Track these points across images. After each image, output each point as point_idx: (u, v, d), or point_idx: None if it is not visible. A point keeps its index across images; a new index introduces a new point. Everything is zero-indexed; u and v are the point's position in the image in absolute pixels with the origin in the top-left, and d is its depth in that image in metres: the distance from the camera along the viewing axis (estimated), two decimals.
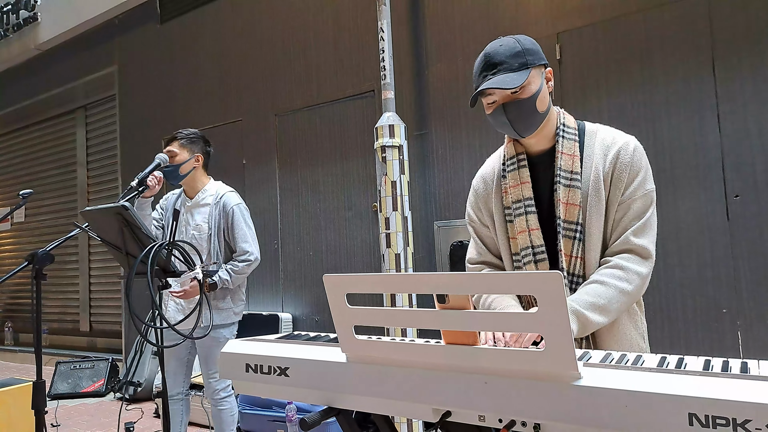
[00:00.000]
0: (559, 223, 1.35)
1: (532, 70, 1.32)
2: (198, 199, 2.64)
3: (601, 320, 1.26)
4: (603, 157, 1.36)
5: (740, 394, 0.76)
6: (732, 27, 2.80)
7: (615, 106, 3.10)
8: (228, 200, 2.60)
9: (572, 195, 1.35)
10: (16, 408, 3.17)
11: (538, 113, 1.35)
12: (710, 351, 2.79)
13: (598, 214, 1.34)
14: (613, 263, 1.30)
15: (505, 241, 1.47)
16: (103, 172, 6.50)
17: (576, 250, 1.34)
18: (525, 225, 1.40)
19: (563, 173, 1.36)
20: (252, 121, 4.79)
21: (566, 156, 1.37)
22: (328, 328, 4.22)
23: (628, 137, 1.37)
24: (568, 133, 1.40)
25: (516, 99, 1.32)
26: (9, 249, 7.74)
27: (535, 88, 1.33)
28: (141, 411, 4.40)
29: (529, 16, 3.39)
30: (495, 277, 0.89)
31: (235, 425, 2.68)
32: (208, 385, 2.61)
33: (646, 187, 1.33)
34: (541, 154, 1.43)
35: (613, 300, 1.27)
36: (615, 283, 1.27)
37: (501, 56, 1.32)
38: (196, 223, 2.60)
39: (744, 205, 2.75)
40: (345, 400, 1.10)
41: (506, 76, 1.30)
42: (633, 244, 1.31)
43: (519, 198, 1.42)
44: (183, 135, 2.61)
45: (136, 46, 5.82)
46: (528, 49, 1.34)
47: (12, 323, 7.48)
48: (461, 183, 3.62)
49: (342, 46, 4.23)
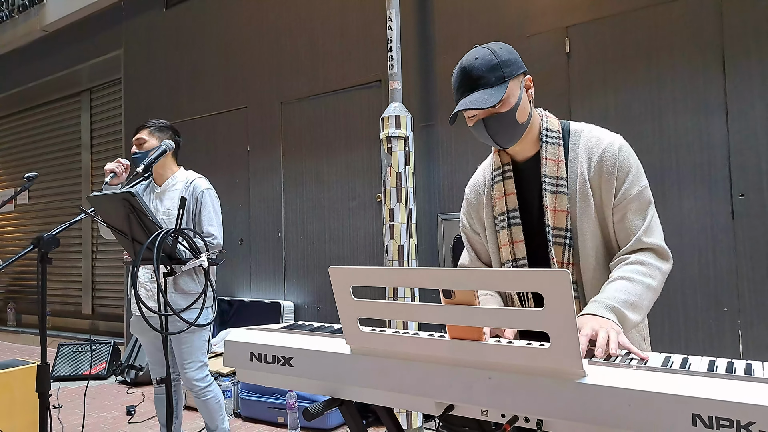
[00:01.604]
0: (548, 230, 1.34)
1: (510, 83, 1.30)
2: (167, 186, 2.65)
3: (636, 318, 1.22)
4: (588, 161, 1.34)
5: (744, 395, 0.76)
6: (742, 25, 2.78)
7: (622, 102, 3.08)
8: (198, 184, 2.61)
9: (559, 201, 1.34)
10: (19, 389, 3.19)
11: (518, 125, 1.34)
12: (710, 349, 2.80)
13: (588, 218, 1.33)
14: (633, 259, 1.28)
15: (495, 250, 1.47)
16: (108, 156, 6.50)
17: (567, 257, 1.33)
18: (507, 238, 1.40)
19: (549, 179, 1.35)
20: (257, 108, 4.78)
21: (551, 162, 1.36)
22: (329, 317, 4.24)
23: (612, 137, 1.35)
24: (552, 138, 1.38)
25: (496, 113, 1.31)
26: (12, 231, 7.77)
27: (514, 101, 1.31)
28: (142, 395, 4.44)
29: (537, 9, 3.36)
30: (502, 274, 0.89)
31: (223, 410, 2.64)
32: (184, 376, 2.54)
33: (640, 184, 1.31)
34: (528, 160, 1.42)
35: (643, 296, 1.24)
36: (641, 279, 1.25)
37: (478, 71, 1.29)
38: (165, 208, 2.61)
39: (749, 205, 2.74)
40: (348, 392, 1.11)
41: (484, 93, 1.28)
42: (647, 243, 1.29)
43: (503, 210, 1.41)
44: (152, 123, 2.67)
45: (142, 30, 5.79)
46: (505, 60, 1.31)
47: (15, 304, 7.52)
48: (466, 176, 3.61)
49: (349, 35, 4.21)
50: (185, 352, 2.53)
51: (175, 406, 2.67)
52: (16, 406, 3.19)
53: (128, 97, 5.94)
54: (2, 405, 3.12)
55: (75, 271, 6.81)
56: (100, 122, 6.65)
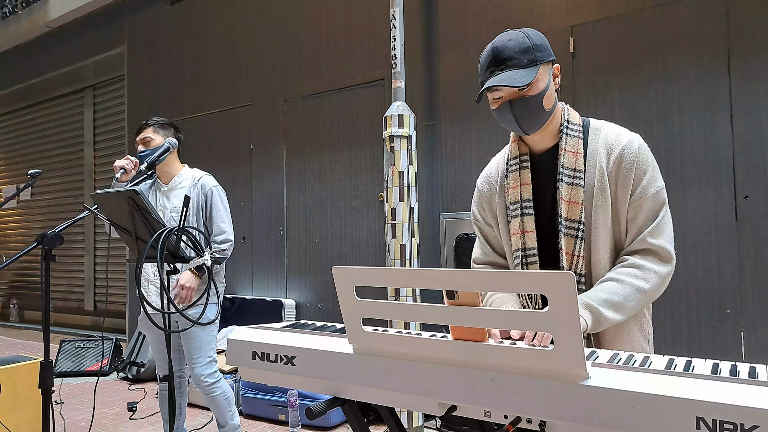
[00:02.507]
0: (561, 221, 1.34)
1: (540, 67, 1.30)
2: (174, 184, 2.65)
3: (615, 317, 1.25)
4: (607, 156, 1.34)
5: (748, 399, 0.76)
6: (750, 26, 2.77)
7: (627, 102, 3.08)
8: (206, 182, 2.62)
9: (575, 193, 1.34)
10: (22, 385, 3.21)
11: (544, 111, 1.33)
12: (712, 350, 2.80)
13: (604, 213, 1.33)
14: (630, 262, 1.30)
15: (507, 239, 1.47)
16: (111, 152, 6.51)
17: (578, 249, 1.33)
18: (519, 227, 1.40)
19: (566, 171, 1.35)
20: (261, 106, 4.78)
21: (569, 153, 1.36)
22: (331, 315, 4.25)
23: (632, 135, 1.35)
24: (572, 130, 1.38)
25: (523, 96, 1.30)
26: (15, 227, 7.79)
27: (543, 86, 1.31)
28: (144, 391, 4.45)
29: (543, 8, 3.36)
30: (506, 275, 0.89)
31: (233, 406, 2.64)
32: (193, 371, 2.54)
33: (657, 185, 1.32)
34: (545, 152, 1.42)
35: (628, 297, 1.25)
36: (631, 281, 1.26)
37: (510, 51, 1.29)
38: (173, 206, 2.61)
39: (753, 206, 2.74)
40: (351, 391, 1.11)
41: (515, 73, 1.28)
42: (651, 244, 1.30)
43: (517, 199, 1.41)
44: (155, 121, 2.67)
45: (146, 26, 5.80)
46: (537, 44, 1.31)
47: (17, 300, 7.54)
48: (469, 175, 3.61)
49: (353, 33, 4.21)
50: (194, 347, 2.52)
51: (179, 403, 2.67)
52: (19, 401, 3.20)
53: (132, 93, 5.94)
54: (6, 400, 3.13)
55: (77, 268, 6.83)
56: (103, 119, 6.65)
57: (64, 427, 3.60)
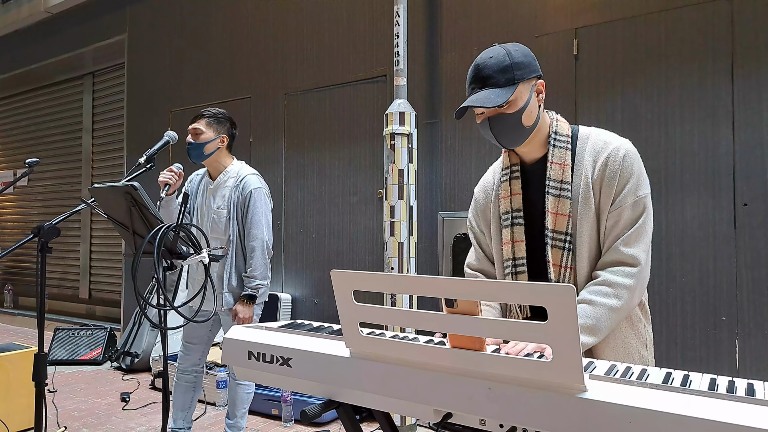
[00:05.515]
0: (547, 233, 1.35)
1: (519, 86, 1.32)
2: (220, 181, 2.58)
3: (590, 340, 1.25)
4: (592, 164, 1.35)
5: (746, 418, 0.76)
6: (754, 33, 2.76)
7: (628, 106, 3.07)
8: (248, 182, 2.54)
9: (561, 205, 1.34)
10: (15, 373, 3.20)
11: (523, 127, 1.35)
12: (706, 357, 2.81)
13: (588, 222, 1.33)
14: (602, 279, 1.29)
15: (498, 248, 1.48)
16: (109, 140, 6.48)
17: (566, 260, 1.34)
18: (510, 237, 1.42)
19: (552, 183, 1.36)
20: (261, 99, 4.75)
21: (556, 165, 1.36)
22: (327, 311, 4.25)
23: (619, 141, 1.35)
24: (560, 142, 1.39)
25: (502, 114, 1.33)
26: (11, 213, 7.76)
27: (522, 103, 1.33)
28: (137, 382, 4.45)
29: (548, 9, 3.34)
30: (506, 286, 0.88)
31: (248, 404, 2.65)
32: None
33: (638, 194, 1.31)
34: (536, 162, 1.43)
35: (602, 319, 1.26)
36: (603, 301, 1.27)
37: (489, 70, 1.32)
38: (217, 206, 2.55)
39: (752, 215, 2.74)
40: (347, 395, 1.11)
41: (491, 92, 1.30)
42: (622, 254, 1.29)
43: (508, 209, 1.43)
44: (210, 113, 2.53)
45: (147, 14, 5.76)
46: (518, 62, 1.32)
47: (12, 286, 7.52)
48: (468, 175, 3.61)
49: (356, 29, 4.18)
50: None
51: (191, 398, 2.67)
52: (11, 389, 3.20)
53: (131, 81, 5.91)
54: None
55: (73, 255, 6.81)
56: (102, 106, 6.62)
57: (57, 416, 3.60)
